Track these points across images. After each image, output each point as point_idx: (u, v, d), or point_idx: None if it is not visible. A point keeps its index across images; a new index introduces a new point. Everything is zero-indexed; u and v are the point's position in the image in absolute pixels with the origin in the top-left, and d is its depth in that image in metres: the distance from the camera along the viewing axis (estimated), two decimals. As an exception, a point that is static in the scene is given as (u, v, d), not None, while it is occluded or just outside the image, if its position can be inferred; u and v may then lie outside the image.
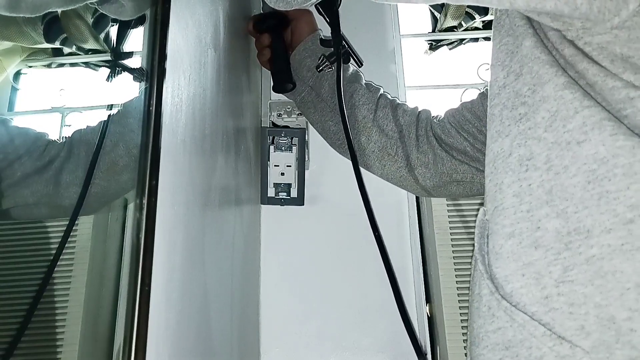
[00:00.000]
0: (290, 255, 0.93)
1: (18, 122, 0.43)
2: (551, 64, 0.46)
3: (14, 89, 0.44)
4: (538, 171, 0.45)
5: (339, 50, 0.76)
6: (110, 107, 0.47)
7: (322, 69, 0.79)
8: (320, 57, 0.78)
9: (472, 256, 0.52)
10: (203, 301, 0.54)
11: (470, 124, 0.74)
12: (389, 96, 0.82)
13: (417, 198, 0.97)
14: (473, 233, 0.95)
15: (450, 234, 0.92)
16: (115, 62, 0.49)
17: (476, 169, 0.75)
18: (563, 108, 0.44)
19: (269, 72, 0.86)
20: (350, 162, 0.76)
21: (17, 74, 0.45)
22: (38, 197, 0.39)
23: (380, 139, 0.78)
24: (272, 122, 0.92)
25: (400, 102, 0.82)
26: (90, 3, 0.46)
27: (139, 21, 0.49)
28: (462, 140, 0.75)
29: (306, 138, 0.90)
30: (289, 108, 0.91)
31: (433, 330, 0.88)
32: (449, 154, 0.76)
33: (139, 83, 0.48)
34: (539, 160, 0.45)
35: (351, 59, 0.83)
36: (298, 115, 0.91)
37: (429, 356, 0.86)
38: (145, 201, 0.40)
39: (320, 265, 0.92)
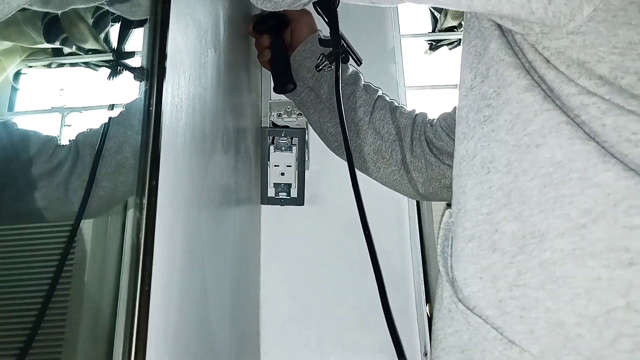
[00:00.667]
0: (290, 255, 0.93)
1: (24, 125, 0.43)
2: (515, 66, 0.46)
3: (14, 89, 0.44)
4: (499, 174, 0.45)
5: (338, 50, 0.76)
6: (112, 107, 0.47)
7: (321, 69, 0.78)
8: (319, 57, 0.78)
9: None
10: (203, 301, 0.54)
11: None
12: (387, 98, 0.82)
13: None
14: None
15: (450, 234, 0.92)
16: (117, 62, 0.49)
17: None
18: (524, 111, 0.44)
19: (269, 72, 0.86)
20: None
21: (17, 74, 0.45)
22: (49, 200, 0.39)
23: (375, 141, 0.78)
24: (272, 122, 0.92)
25: (397, 105, 0.82)
26: (103, 3, 0.46)
27: (141, 21, 0.49)
28: (452, 144, 0.74)
29: (306, 138, 0.89)
30: (289, 108, 0.91)
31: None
32: (438, 159, 0.75)
33: (139, 82, 0.48)
34: (500, 162, 0.45)
35: (350, 58, 0.83)
36: (298, 115, 0.91)
37: (429, 356, 0.86)
38: (145, 201, 0.40)
39: (320, 265, 0.92)
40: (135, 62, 0.51)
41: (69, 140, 0.44)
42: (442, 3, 0.48)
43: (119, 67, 0.49)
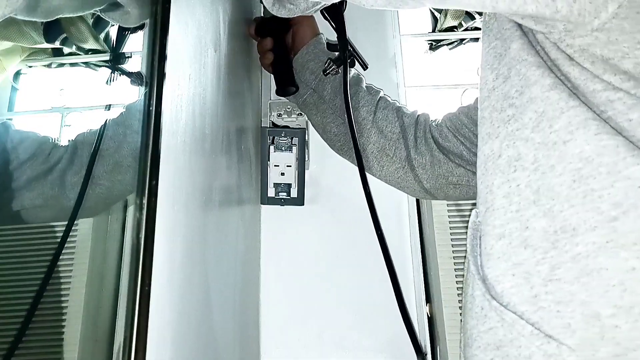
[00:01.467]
0: (290, 255, 0.93)
1: (23, 125, 0.43)
2: (538, 66, 0.47)
3: (14, 89, 0.44)
4: (526, 171, 0.46)
5: (345, 55, 0.77)
6: (109, 107, 0.47)
7: (328, 73, 0.79)
8: (326, 61, 0.79)
9: (465, 257, 0.53)
10: (203, 301, 0.54)
11: (466, 128, 0.74)
12: (389, 99, 0.83)
13: (417, 198, 0.97)
14: (473, 233, 0.94)
15: (450, 234, 0.92)
16: (114, 67, 0.50)
17: (472, 172, 0.75)
18: (549, 109, 0.45)
19: (270, 73, 0.86)
20: (351, 163, 0.76)
21: (17, 74, 0.45)
22: (44, 199, 0.39)
23: (379, 140, 0.79)
24: (272, 122, 0.93)
25: (400, 105, 0.83)
26: (96, 10, 0.46)
27: (139, 26, 0.49)
28: (459, 145, 0.75)
29: (306, 138, 0.90)
30: (289, 108, 0.92)
31: (433, 330, 0.88)
32: (446, 156, 0.76)
33: (137, 86, 0.48)
34: (526, 160, 0.46)
35: (356, 63, 0.84)
36: (298, 115, 0.91)
37: (429, 356, 0.86)
38: (145, 201, 0.40)
39: (321, 266, 0.92)
40: (133, 65, 0.51)
41: (68, 141, 0.44)
42: (466, 5, 0.49)
43: (116, 72, 0.49)
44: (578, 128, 0.43)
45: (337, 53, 0.80)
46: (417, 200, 0.97)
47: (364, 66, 0.85)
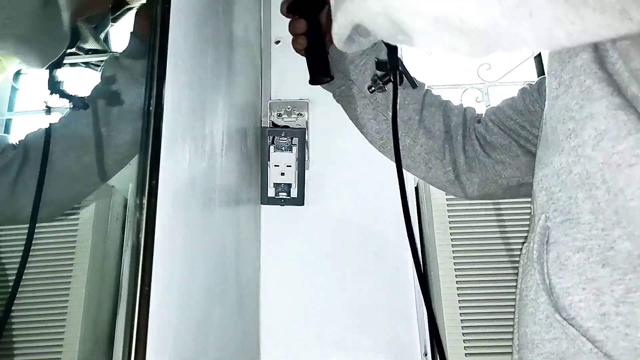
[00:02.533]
0: (290, 255, 0.93)
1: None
2: (608, 82, 0.44)
3: (14, 89, 0.44)
4: (600, 190, 0.44)
5: (396, 73, 0.71)
6: (49, 111, 0.45)
7: (374, 90, 0.74)
8: (373, 78, 0.73)
9: (519, 253, 0.52)
10: (203, 301, 0.54)
11: (511, 120, 0.72)
12: (434, 92, 0.78)
13: (417, 198, 0.97)
14: (474, 233, 0.94)
15: (450, 234, 0.92)
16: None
17: (520, 170, 0.72)
18: (614, 128, 0.43)
19: (269, 72, 0.85)
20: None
21: (17, 74, 0.45)
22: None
23: (428, 141, 0.74)
24: (272, 122, 0.93)
25: (445, 99, 0.78)
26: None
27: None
28: (506, 137, 0.72)
29: (306, 138, 0.90)
30: (289, 108, 0.92)
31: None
32: (491, 158, 0.73)
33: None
34: (596, 179, 0.44)
35: (405, 81, 0.76)
36: (298, 115, 0.91)
37: (429, 356, 0.86)
38: (145, 201, 0.40)
39: (321, 266, 0.92)
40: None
41: (18, 141, 0.43)
42: (553, 45, 0.47)
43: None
44: None
45: (382, 70, 0.72)
46: (417, 200, 0.97)
47: (414, 85, 0.77)
